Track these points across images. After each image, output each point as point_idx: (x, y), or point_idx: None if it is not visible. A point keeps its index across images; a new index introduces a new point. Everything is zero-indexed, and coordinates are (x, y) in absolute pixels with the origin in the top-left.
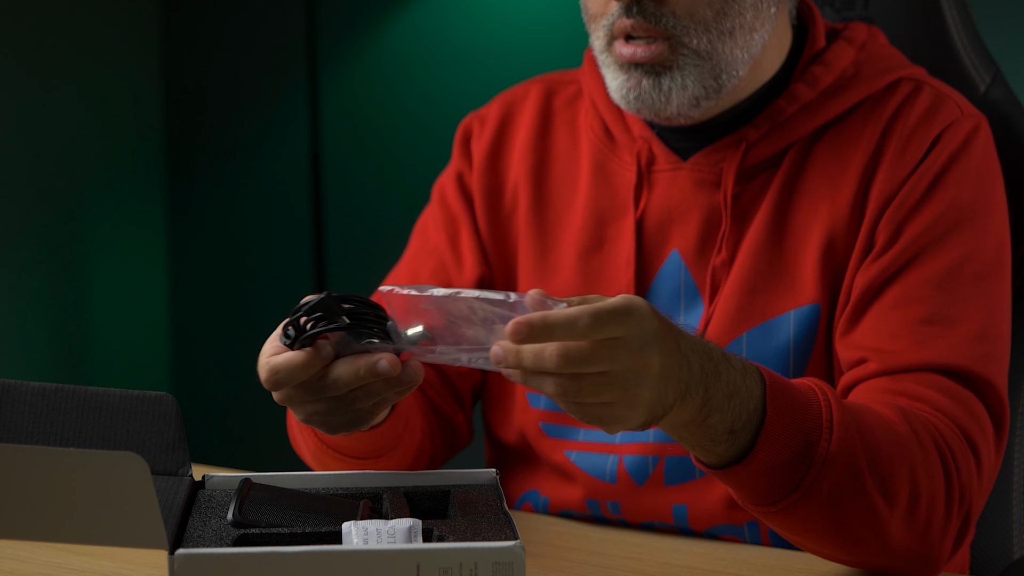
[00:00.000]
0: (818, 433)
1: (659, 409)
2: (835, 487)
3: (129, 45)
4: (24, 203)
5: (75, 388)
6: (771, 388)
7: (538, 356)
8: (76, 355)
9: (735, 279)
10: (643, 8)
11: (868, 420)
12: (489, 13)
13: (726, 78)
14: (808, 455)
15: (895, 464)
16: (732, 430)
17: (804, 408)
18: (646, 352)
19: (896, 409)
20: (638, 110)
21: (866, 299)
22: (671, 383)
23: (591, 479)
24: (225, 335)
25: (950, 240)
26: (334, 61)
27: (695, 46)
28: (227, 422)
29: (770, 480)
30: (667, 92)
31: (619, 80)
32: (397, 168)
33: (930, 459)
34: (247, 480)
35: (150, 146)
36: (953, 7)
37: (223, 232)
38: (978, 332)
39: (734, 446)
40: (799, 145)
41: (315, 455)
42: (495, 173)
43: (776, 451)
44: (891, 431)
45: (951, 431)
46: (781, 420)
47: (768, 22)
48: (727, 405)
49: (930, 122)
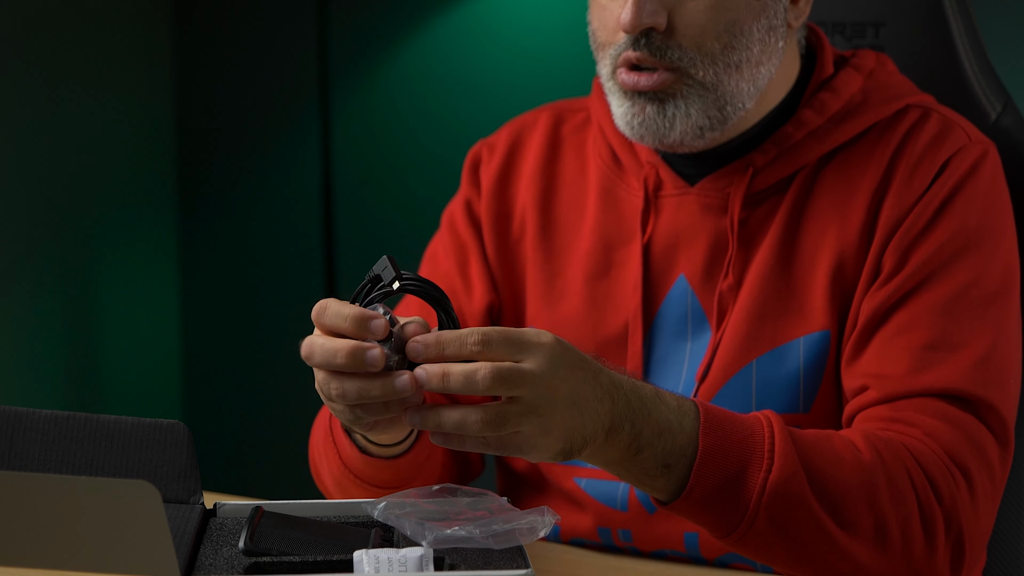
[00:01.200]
0: (759, 464)
1: (578, 438)
2: (781, 516)
3: (141, 68)
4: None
5: (87, 416)
6: (705, 423)
7: (468, 375)
8: (88, 379)
9: (743, 305)
10: (650, 41)
11: (819, 449)
12: (500, 41)
13: (731, 110)
14: (747, 485)
15: (849, 492)
16: (666, 464)
17: (743, 440)
18: (552, 378)
19: (865, 437)
20: (642, 137)
21: (872, 325)
22: (588, 413)
23: (601, 507)
24: (237, 360)
25: (956, 266)
26: (346, 87)
27: (701, 78)
28: (239, 449)
29: (714, 512)
30: (671, 119)
31: (623, 107)
32: (407, 194)
33: (897, 485)
34: (258, 508)
35: (162, 170)
36: (964, 35)
37: (235, 256)
38: (981, 356)
39: (672, 480)
40: (806, 171)
41: (336, 479)
42: (503, 200)
43: (711, 483)
44: (850, 459)
45: (934, 456)
46: (714, 453)
47: (775, 56)
48: (658, 441)
49: (938, 149)
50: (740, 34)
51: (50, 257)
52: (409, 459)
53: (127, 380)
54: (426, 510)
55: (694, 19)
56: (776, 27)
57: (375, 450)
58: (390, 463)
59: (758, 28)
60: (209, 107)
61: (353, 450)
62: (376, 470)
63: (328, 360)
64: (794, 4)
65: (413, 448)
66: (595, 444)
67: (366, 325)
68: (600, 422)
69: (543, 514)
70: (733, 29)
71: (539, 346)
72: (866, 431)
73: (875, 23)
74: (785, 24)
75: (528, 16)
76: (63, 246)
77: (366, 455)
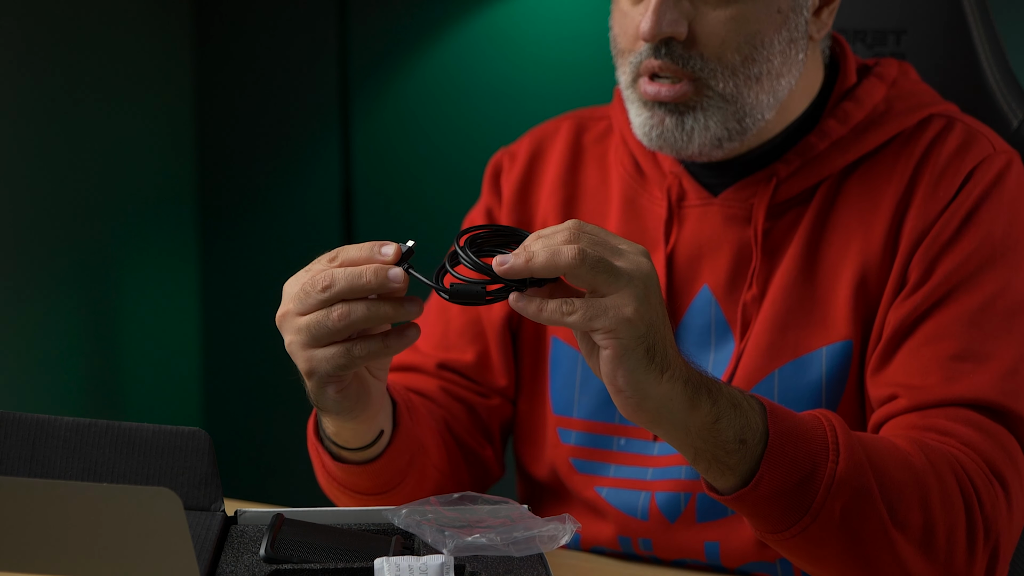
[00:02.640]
0: (824, 455)
1: (661, 345)
2: (847, 508)
3: (162, 74)
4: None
5: (108, 423)
6: (771, 413)
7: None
8: (108, 386)
9: (766, 315)
10: (671, 50)
11: (877, 448)
12: (520, 49)
13: (750, 121)
14: (816, 476)
15: (904, 493)
16: (742, 439)
17: (808, 432)
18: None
19: (914, 442)
20: (660, 147)
21: (899, 336)
22: (671, 349)
23: (622, 516)
24: (257, 366)
25: (983, 276)
26: (366, 94)
27: (720, 89)
28: (260, 455)
29: (780, 504)
30: (689, 131)
31: (642, 117)
32: (427, 201)
33: (948, 491)
34: (279, 515)
35: (182, 177)
36: (986, 43)
37: (254, 262)
38: (1010, 367)
39: (746, 458)
40: (830, 181)
41: (325, 487)
42: (524, 208)
43: (782, 472)
44: (903, 461)
45: (976, 465)
46: (785, 442)
47: (796, 68)
48: (733, 413)
49: (962, 158)
50: (761, 46)
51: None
52: (383, 464)
53: (148, 387)
54: (447, 517)
55: (715, 30)
56: (797, 39)
57: (348, 455)
58: (366, 468)
59: (779, 40)
60: (229, 114)
61: (329, 458)
62: (354, 476)
63: (353, 281)
64: (816, 17)
65: (385, 454)
66: (675, 381)
67: (377, 250)
68: (680, 370)
69: (564, 522)
70: (754, 41)
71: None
72: (911, 438)
73: (896, 31)
74: (806, 36)
75: (548, 23)
76: (84, 253)
77: (341, 462)
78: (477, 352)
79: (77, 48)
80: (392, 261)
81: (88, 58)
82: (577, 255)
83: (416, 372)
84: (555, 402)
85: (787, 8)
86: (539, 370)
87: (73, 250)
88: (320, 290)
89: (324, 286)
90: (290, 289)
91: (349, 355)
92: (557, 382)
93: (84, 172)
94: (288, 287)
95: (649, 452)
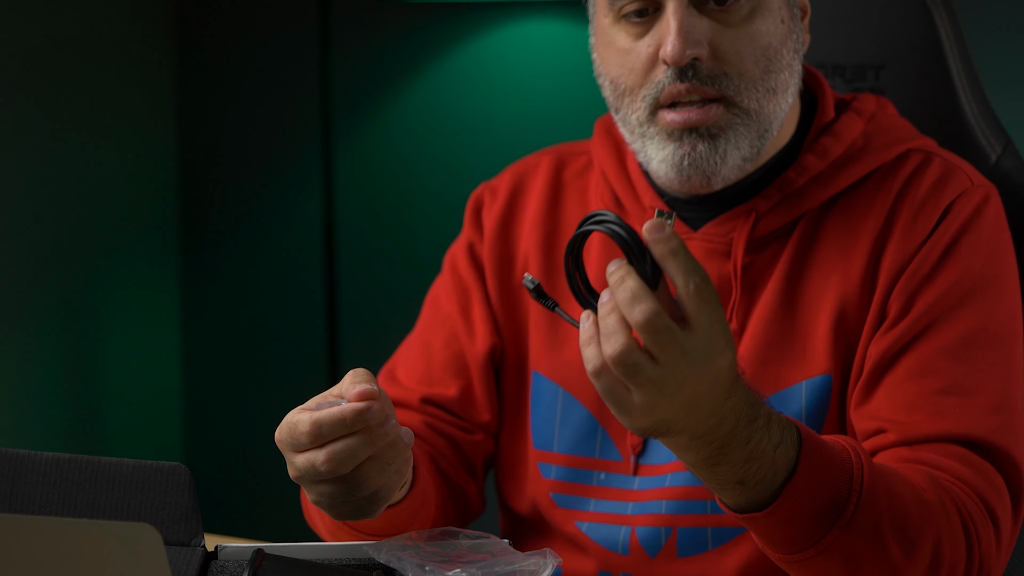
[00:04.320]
0: (846, 495)
1: (664, 428)
2: (855, 550)
3: (144, 108)
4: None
5: (88, 458)
6: (806, 446)
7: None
8: (89, 421)
9: (746, 349)
10: (697, 71)
11: (898, 484)
12: (502, 84)
13: (768, 137)
14: (833, 514)
15: (923, 530)
16: (741, 481)
17: (836, 468)
18: (697, 375)
19: (925, 475)
20: (689, 177)
21: (880, 369)
22: (692, 417)
23: (603, 550)
24: (239, 402)
25: (963, 310)
26: (348, 128)
27: (746, 106)
28: (241, 490)
29: (790, 532)
30: (723, 154)
31: (668, 149)
32: (410, 237)
33: (954, 528)
34: (260, 551)
35: (164, 211)
36: (964, 78)
37: (237, 297)
38: (996, 403)
39: (743, 496)
40: (809, 216)
41: (331, 530)
42: (506, 243)
43: (800, 504)
44: (920, 497)
45: (972, 501)
46: (811, 476)
47: (794, 84)
48: (742, 465)
49: (940, 193)
50: (775, 57)
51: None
52: (402, 508)
53: (128, 422)
54: (428, 553)
55: (734, 45)
56: (798, 51)
57: None
58: (385, 513)
59: (786, 51)
60: (212, 148)
61: None
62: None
63: (337, 425)
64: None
65: (407, 499)
66: (679, 439)
67: (363, 416)
68: (696, 429)
69: (545, 556)
70: (768, 53)
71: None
72: (921, 470)
73: (875, 66)
74: (802, 47)
75: (530, 59)
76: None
77: None
78: (460, 387)
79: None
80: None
81: (68, 91)
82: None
83: (400, 407)
84: (536, 436)
85: (788, 18)
86: (520, 404)
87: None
88: (311, 437)
89: (312, 434)
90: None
91: (357, 486)
92: (538, 416)
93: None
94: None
95: (629, 487)
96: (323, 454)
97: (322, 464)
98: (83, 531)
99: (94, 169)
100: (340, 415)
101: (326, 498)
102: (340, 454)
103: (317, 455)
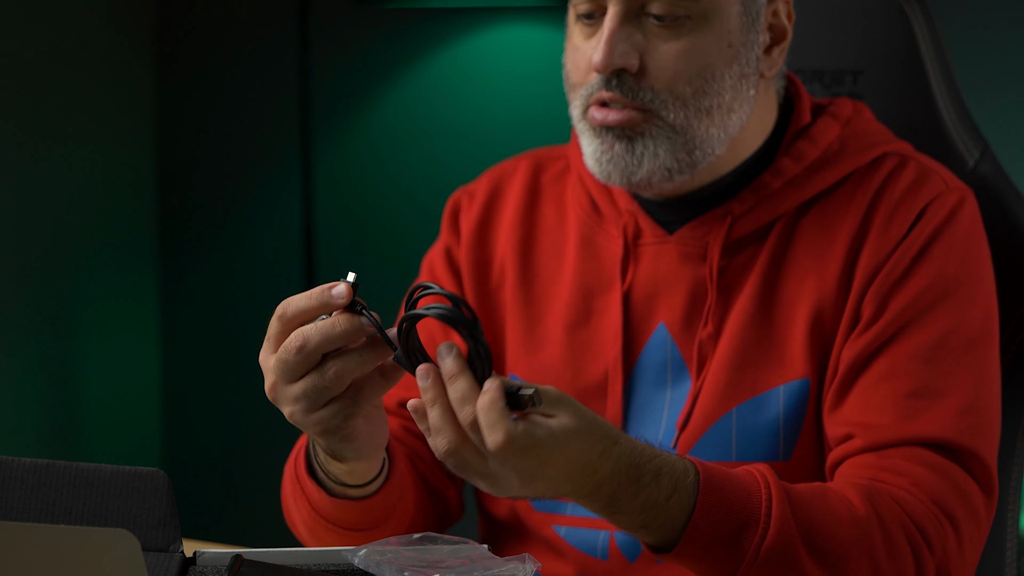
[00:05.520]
0: (754, 529)
1: (541, 494)
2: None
3: (122, 117)
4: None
5: (66, 464)
6: (705, 489)
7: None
8: (67, 428)
9: (723, 353)
10: (622, 81)
11: (817, 508)
12: (480, 89)
13: (700, 155)
14: (742, 549)
15: (848, 550)
16: (644, 525)
17: (740, 505)
18: (542, 461)
19: (861, 490)
20: (610, 174)
21: (853, 373)
22: (567, 487)
23: (582, 555)
24: (217, 408)
25: (936, 312)
26: (326, 135)
27: (671, 120)
28: (219, 496)
29: (703, 566)
30: (639, 157)
31: (593, 145)
32: (388, 241)
33: (892, 539)
34: (238, 556)
35: (142, 219)
36: (942, 83)
37: (215, 306)
38: (965, 405)
39: (650, 538)
40: (785, 219)
41: (308, 525)
42: (483, 247)
43: (703, 545)
44: (847, 516)
45: (924, 507)
46: (710, 519)
47: (747, 104)
48: (638, 514)
49: (915, 196)
50: (712, 79)
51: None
52: (378, 500)
53: (107, 428)
54: (407, 558)
55: (666, 62)
56: (748, 75)
57: (344, 491)
58: (359, 504)
59: (730, 75)
60: (190, 153)
61: (321, 494)
62: (346, 512)
63: (327, 332)
64: (767, 55)
65: (382, 489)
66: (568, 498)
67: (328, 295)
68: (578, 492)
69: (524, 561)
70: (704, 74)
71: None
72: (858, 484)
73: (854, 71)
74: (757, 73)
75: (508, 64)
76: (42, 295)
77: (334, 498)
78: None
79: (35, 90)
80: (347, 301)
81: (45, 96)
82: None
83: None
84: None
85: (738, 43)
86: None
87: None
88: (295, 352)
89: (298, 347)
90: (266, 363)
91: (354, 403)
92: None
93: (42, 210)
94: (264, 361)
95: None
96: (327, 366)
97: (329, 371)
98: (61, 537)
99: (72, 174)
100: (307, 301)
101: (324, 423)
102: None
103: (320, 370)
